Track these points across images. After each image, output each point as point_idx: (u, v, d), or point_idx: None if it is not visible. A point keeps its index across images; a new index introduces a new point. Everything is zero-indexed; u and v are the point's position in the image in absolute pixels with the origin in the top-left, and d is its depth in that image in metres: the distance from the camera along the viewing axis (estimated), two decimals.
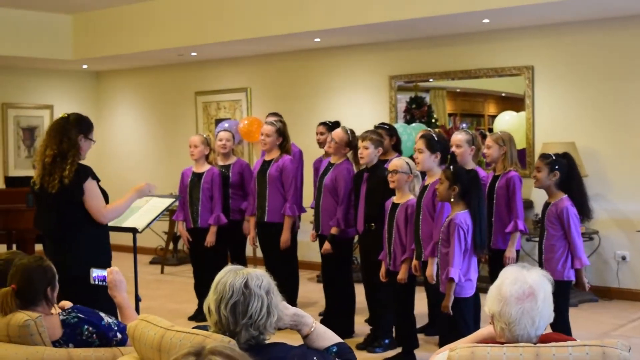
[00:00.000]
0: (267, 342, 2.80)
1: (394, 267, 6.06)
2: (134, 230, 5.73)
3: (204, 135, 7.79)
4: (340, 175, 6.87)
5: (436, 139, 5.84)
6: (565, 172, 5.55)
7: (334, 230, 6.84)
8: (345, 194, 6.81)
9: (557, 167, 5.54)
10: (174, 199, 5.99)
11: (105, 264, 5.03)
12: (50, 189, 5.04)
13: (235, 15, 9.44)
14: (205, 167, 7.64)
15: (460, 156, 6.20)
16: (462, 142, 6.33)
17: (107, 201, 5.25)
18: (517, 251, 6.42)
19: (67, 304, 3.91)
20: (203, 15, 9.74)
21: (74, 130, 5.12)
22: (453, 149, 6.21)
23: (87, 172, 5.13)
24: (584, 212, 5.60)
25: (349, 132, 7.01)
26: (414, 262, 5.89)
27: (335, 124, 7.27)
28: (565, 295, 5.55)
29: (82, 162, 5.20)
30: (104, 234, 5.33)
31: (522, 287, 2.78)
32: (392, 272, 6.09)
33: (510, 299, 2.78)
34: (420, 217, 5.78)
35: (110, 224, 5.67)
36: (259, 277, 2.78)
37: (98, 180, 5.23)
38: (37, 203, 5.30)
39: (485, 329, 3.07)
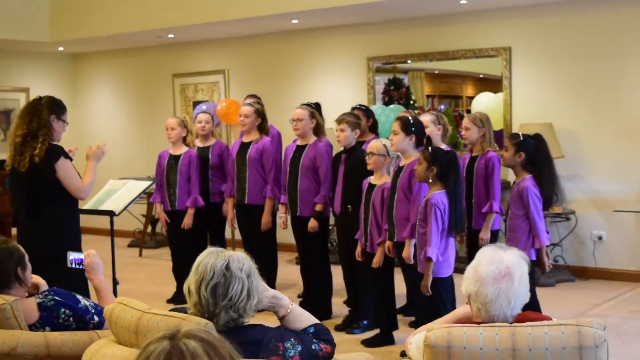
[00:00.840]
0: (245, 324, 2.81)
1: (370, 248, 6.08)
2: (111, 213, 5.72)
3: (181, 118, 7.77)
4: (319, 154, 6.85)
5: (412, 121, 5.84)
6: (532, 153, 5.56)
7: (319, 207, 6.84)
8: (327, 171, 6.80)
9: (523, 147, 5.56)
10: (150, 182, 5.99)
11: (76, 243, 5.05)
12: (21, 167, 5.08)
13: None
14: (182, 150, 7.61)
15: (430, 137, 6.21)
16: (428, 122, 6.35)
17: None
18: (496, 231, 6.47)
19: (38, 279, 3.88)
20: None
21: (45, 110, 5.18)
22: None
23: (59, 152, 5.17)
24: (548, 196, 5.58)
25: (308, 107, 6.98)
26: (388, 243, 5.91)
27: (317, 106, 7.26)
28: (530, 274, 5.56)
29: (56, 143, 5.21)
30: (74, 214, 5.36)
31: (498, 267, 2.80)
32: (368, 253, 6.11)
33: (487, 279, 2.80)
34: (395, 197, 5.78)
35: (87, 206, 5.70)
36: (241, 259, 2.79)
37: (71, 159, 5.25)
38: (11, 184, 5.33)
39: (462, 309, 3.10)
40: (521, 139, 5.61)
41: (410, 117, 5.92)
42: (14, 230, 8.75)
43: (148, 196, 10.36)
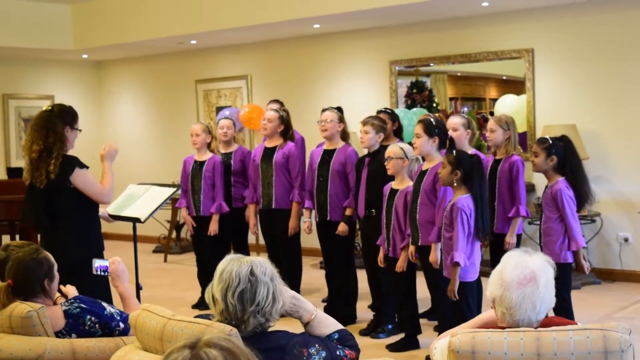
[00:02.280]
0: (270, 329, 2.82)
1: (393, 253, 6.06)
2: (136, 220, 5.72)
3: (206, 124, 7.78)
4: (350, 159, 6.87)
5: (434, 123, 5.82)
6: (563, 155, 5.54)
7: (349, 212, 6.84)
8: (355, 177, 6.81)
9: (554, 150, 5.53)
10: (175, 189, 5.97)
11: (98, 251, 5.07)
12: (39, 184, 5.08)
13: (234, 2, 9.42)
14: (207, 155, 7.63)
15: (456, 139, 6.13)
16: (459, 125, 6.30)
17: None
18: (519, 235, 6.42)
19: (70, 288, 3.91)
20: (202, 2, 9.71)
21: (59, 122, 5.15)
22: (450, 132, 6.18)
23: (74, 163, 5.14)
24: (583, 196, 5.58)
25: (335, 110, 7.02)
26: (411, 247, 5.89)
27: (339, 110, 7.26)
28: (565, 277, 5.55)
29: (69, 152, 5.22)
30: (94, 222, 5.35)
31: (523, 272, 2.79)
32: (391, 258, 6.09)
33: (512, 284, 2.78)
34: (418, 201, 5.76)
35: (111, 212, 5.70)
36: (263, 264, 2.80)
37: (86, 167, 5.23)
38: (27, 196, 5.31)
39: (487, 314, 3.08)
40: (550, 142, 5.57)
41: (432, 119, 5.90)
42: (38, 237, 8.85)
43: (173, 202, 10.42)
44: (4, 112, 11.52)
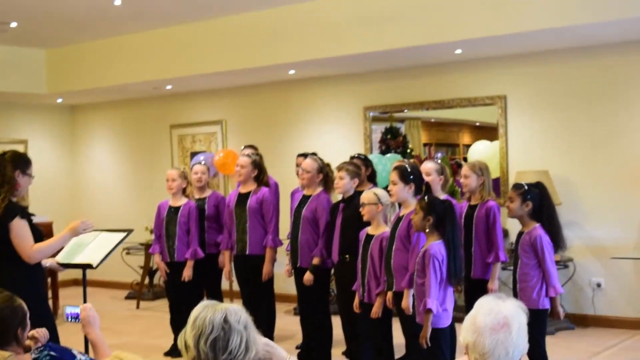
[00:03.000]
0: None
1: (368, 299, 6.03)
2: (88, 267, 5.64)
3: (181, 169, 7.77)
4: (321, 206, 6.87)
5: (409, 170, 5.84)
6: (538, 201, 5.59)
7: (316, 261, 6.83)
8: (326, 225, 6.80)
9: (529, 196, 5.57)
10: (126, 233, 5.89)
11: (40, 300, 4.96)
12: None
13: (209, 48, 9.46)
14: (182, 201, 7.61)
15: (429, 184, 6.20)
16: (432, 170, 6.35)
17: (41, 239, 5.19)
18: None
19: (41, 331, 3.82)
20: (177, 48, 9.75)
21: (9, 166, 5.11)
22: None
23: (16, 211, 5.07)
24: (557, 242, 5.62)
25: (318, 160, 7.04)
26: (389, 294, 5.86)
27: (314, 155, 7.28)
28: (541, 323, 5.56)
29: (19, 198, 5.15)
30: (36, 270, 5.26)
31: (496, 318, 2.78)
32: (366, 304, 6.06)
33: (485, 330, 2.77)
34: (394, 247, 5.76)
35: (60, 260, 5.60)
36: (237, 312, 2.78)
37: (30, 220, 5.16)
38: None
39: None
40: (526, 188, 5.62)
41: (407, 166, 5.92)
42: None
43: (146, 247, 10.36)
44: None
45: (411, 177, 5.79)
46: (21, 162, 5.23)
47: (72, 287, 11.92)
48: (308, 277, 6.83)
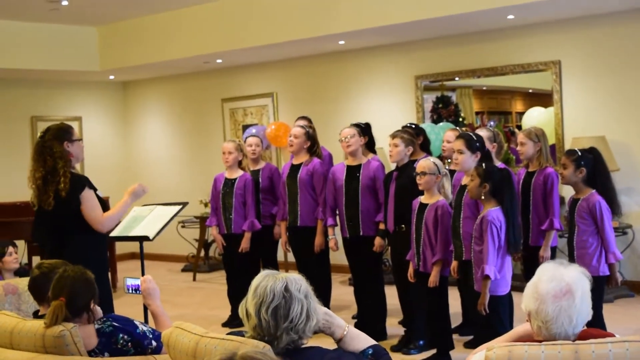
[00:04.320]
0: (303, 346, 2.80)
1: (423, 268, 6.02)
2: (144, 239, 5.73)
3: (237, 142, 7.78)
4: (378, 173, 6.84)
5: (475, 138, 5.80)
6: (592, 167, 5.49)
7: (382, 226, 6.79)
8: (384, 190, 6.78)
9: (583, 163, 5.48)
10: (180, 206, 5.98)
11: (102, 272, 5.07)
12: (47, 206, 5.13)
13: (259, 21, 9.45)
14: (237, 173, 7.64)
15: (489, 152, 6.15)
16: (484, 138, 6.28)
17: (105, 210, 5.30)
18: (554, 248, 6.37)
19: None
20: (227, 22, 9.76)
21: (55, 143, 5.21)
22: None
23: (84, 182, 5.21)
24: (613, 208, 5.53)
25: (354, 127, 6.98)
26: (454, 262, 5.85)
27: (367, 126, 7.24)
28: (600, 290, 5.49)
29: (77, 168, 5.30)
30: (101, 243, 5.37)
31: (559, 285, 2.75)
32: (421, 273, 6.04)
33: (547, 297, 2.75)
34: (462, 215, 5.72)
35: (115, 234, 5.73)
36: (298, 281, 2.79)
37: (95, 190, 5.28)
38: (35, 219, 5.38)
39: (522, 327, 3.04)
40: (579, 154, 5.52)
41: (472, 134, 5.89)
42: None
43: (202, 220, 10.45)
44: (33, 135, 11.59)
45: (477, 145, 5.76)
46: (63, 132, 5.34)
47: (129, 261, 12.10)
48: (380, 241, 6.79)
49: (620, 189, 5.81)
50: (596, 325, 5.28)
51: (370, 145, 7.13)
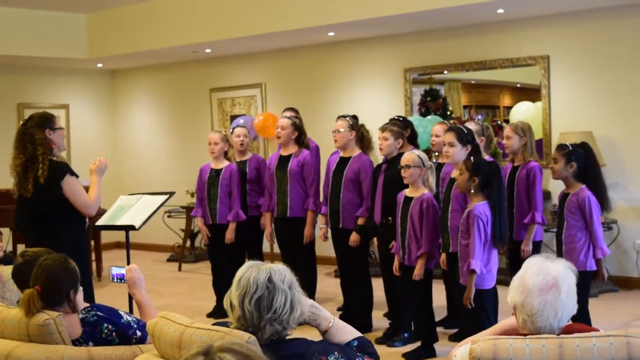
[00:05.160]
0: (288, 337, 2.79)
1: (409, 261, 6.03)
2: (131, 228, 5.72)
3: (223, 132, 7.77)
4: (364, 167, 6.85)
5: (465, 131, 5.82)
6: (583, 162, 5.51)
7: (361, 221, 6.82)
8: (369, 185, 6.78)
9: (574, 157, 5.49)
10: (167, 196, 5.97)
11: (83, 261, 5.07)
12: (26, 193, 5.14)
13: (248, 11, 9.43)
14: (223, 164, 7.63)
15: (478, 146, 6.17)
16: (473, 131, 6.29)
17: None
18: (539, 242, 6.40)
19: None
20: (216, 11, 9.73)
21: (37, 130, 5.23)
22: None
23: (64, 169, 5.23)
24: (603, 203, 5.56)
25: (349, 119, 6.98)
26: (442, 255, 5.86)
27: (354, 118, 7.25)
28: (586, 285, 5.52)
29: (60, 155, 5.33)
30: (81, 232, 5.40)
31: (545, 278, 2.76)
32: (407, 266, 6.05)
33: (533, 290, 2.75)
34: (450, 208, 5.73)
35: (101, 222, 5.75)
36: (282, 271, 2.78)
37: (76, 176, 5.29)
38: (17, 206, 5.39)
39: (507, 321, 3.05)
40: (570, 149, 5.54)
41: (463, 127, 5.90)
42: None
43: (187, 210, 10.43)
44: (19, 122, 11.52)
45: (467, 138, 5.77)
46: (45, 121, 5.37)
47: (115, 250, 12.07)
48: (355, 237, 6.83)
49: (607, 184, 5.83)
50: (581, 320, 5.32)
51: (412, 139, 6.96)
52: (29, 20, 10.53)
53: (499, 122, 9.41)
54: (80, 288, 3.73)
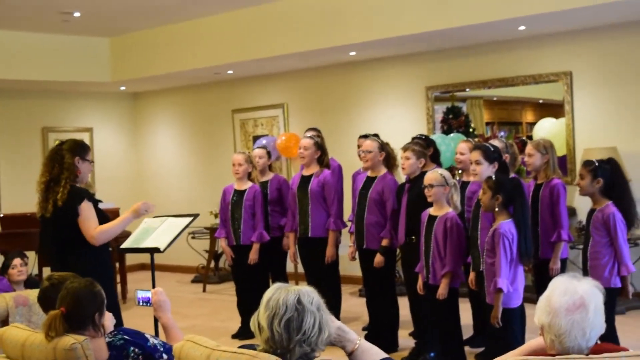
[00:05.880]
0: (315, 359, 2.79)
1: (433, 280, 5.99)
2: (155, 250, 5.74)
3: (247, 153, 7.79)
4: (388, 188, 6.84)
5: (492, 149, 5.81)
6: (609, 178, 5.47)
7: (385, 242, 6.81)
8: (393, 206, 6.77)
9: (600, 173, 5.46)
10: (192, 217, 5.98)
11: (109, 285, 5.08)
12: (47, 213, 5.18)
13: (269, 32, 9.47)
14: (247, 185, 7.64)
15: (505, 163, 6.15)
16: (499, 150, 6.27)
17: (106, 222, 5.34)
18: (565, 259, 6.34)
19: (108, 315, 3.86)
20: (238, 33, 9.78)
21: (68, 154, 5.27)
22: None
23: (83, 194, 5.23)
24: (630, 219, 5.51)
25: (378, 140, 7.00)
26: (471, 274, 5.83)
27: (376, 137, 7.25)
28: (612, 302, 5.46)
29: (83, 184, 5.32)
30: (103, 255, 5.40)
31: (572, 298, 2.74)
32: (431, 285, 6.02)
33: (560, 310, 2.73)
34: (479, 226, 5.70)
35: (126, 245, 5.75)
36: (310, 293, 2.79)
37: (95, 203, 5.30)
38: (40, 228, 5.42)
39: (535, 341, 3.02)
40: (597, 164, 5.50)
41: (490, 145, 5.90)
42: None
43: (211, 232, 10.45)
44: (44, 146, 11.64)
45: (495, 155, 5.77)
46: (79, 148, 5.39)
47: (139, 272, 12.11)
48: (379, 259, 6.81)
49: (634, 200, 5.78)
50: (608, 337, 5.25)
51: (435, 158, 6.95)
52: (53, 45, 10.64)
53: (523, 138, 9.36)
54: (110, 314, 3.74)
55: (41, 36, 10.50)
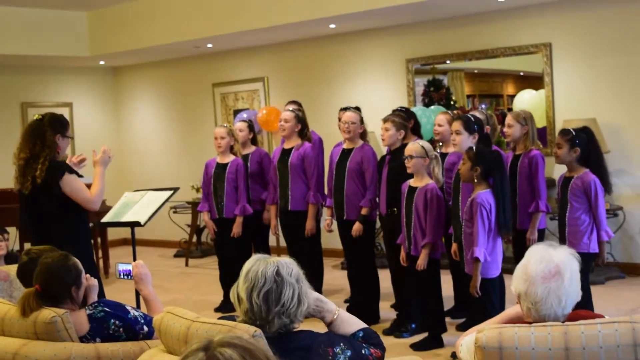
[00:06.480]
0: (294, 330, 2.80)
1: (415, 251, 6.03)
2: (136, 224, 5.74)
3: (229, 127, 7.77)
4: (366, 158, 6.85)
5: (473, 120, 5.83)
6: (586, 146, 5.53)
7: (364, 211, 6.83)
8: (373, 176, 6.79)
9: (577, 142, 5.51)
10: (172, 191, 5.99)
11: (88, 258, 5.09)
12: (24, 190, 5.16)
13: (249, 5, 9.42)
14: (229, 158, 7.63)
15: (489, 135, 6.18)
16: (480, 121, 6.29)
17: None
18: (543, 230, 6.39)
19: (91, 279, 3.84)
20: (217, 6, 9.72)
21: (49, 130, 5.24)
22: None
23: (63, 168, 5.23)
24: (605, 187, 5.59)
25: (359, 113, 7.01)
26: (453, 245, 5.86)
27: (358, 109, 7.25)
28: (587, 268, 5.55)
29: (63, 159, 5.32)
30: (84, 229, 5.41)
31: (548, 266, 2.76)
32: (413, 256, 6.06)
33: (536, 278, 2.76)
34: (460, 198, 5.72)
35: (106, 219, 5.77)
36: (289, 265, 2.80)
37: (76, 174, 5.31)
38: (19, 203, 5.42)
39: (512, 309, 3.06)
40: (574, 134, 5.55)
41: (470, 116, 5.91)
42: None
43: (193, 205, 10.45)
44: (24, 121, 11.55)
45: (475, 126, 5.79)
46: (59, 125, 5.37)
47: (121, 247, 12.09)
48: (358, 227, 6.83)
49: (611, 171, 5.85)
50: (584, 303, 5.34)
51: (416, 130, 7.01)
52: (30, 19, 10.53)
53: (503, 110, 9.39)
54: (95, 282, 3.74)
55: (18, 10, 10.39)
